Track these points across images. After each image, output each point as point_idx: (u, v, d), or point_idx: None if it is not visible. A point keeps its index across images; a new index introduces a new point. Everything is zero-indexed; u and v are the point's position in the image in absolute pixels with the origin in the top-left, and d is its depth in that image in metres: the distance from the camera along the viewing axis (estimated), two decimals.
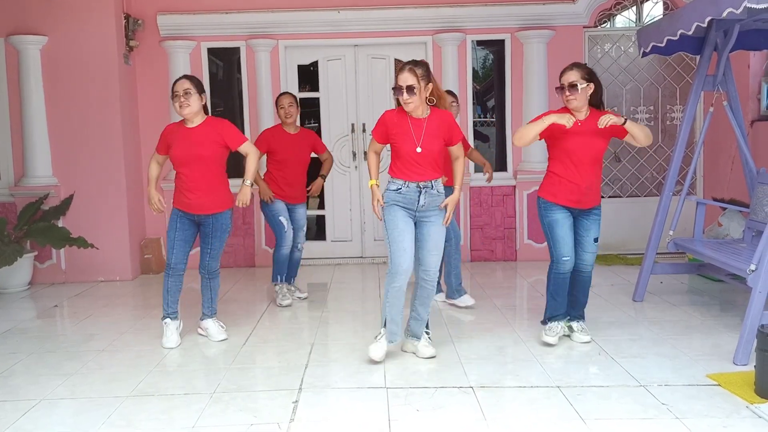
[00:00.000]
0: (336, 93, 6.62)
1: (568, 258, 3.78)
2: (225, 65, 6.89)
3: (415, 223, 3.60)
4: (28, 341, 4.25)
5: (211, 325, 4.17)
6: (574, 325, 3.96)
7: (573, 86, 3.69)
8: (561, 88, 3.76)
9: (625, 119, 3.69)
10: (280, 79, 6.50)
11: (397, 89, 3.51)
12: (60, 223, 5.91)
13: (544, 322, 3.93)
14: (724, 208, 5.60)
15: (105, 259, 5.99)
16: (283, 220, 4.90)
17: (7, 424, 2.95)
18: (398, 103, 3.58)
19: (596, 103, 3.81)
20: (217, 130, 4.01)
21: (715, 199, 6.03)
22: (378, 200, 3.58)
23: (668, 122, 6.71)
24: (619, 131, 3.76)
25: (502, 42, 6.58)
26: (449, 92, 4.78)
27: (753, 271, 3.58)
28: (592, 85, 3.72)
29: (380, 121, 3.64)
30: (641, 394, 3.12)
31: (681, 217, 4.81)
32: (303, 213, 5.06)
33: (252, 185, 4.10)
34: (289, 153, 4.91)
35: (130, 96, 6.29)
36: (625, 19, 6.88)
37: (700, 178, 6.64)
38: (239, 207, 4.09)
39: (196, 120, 4.00)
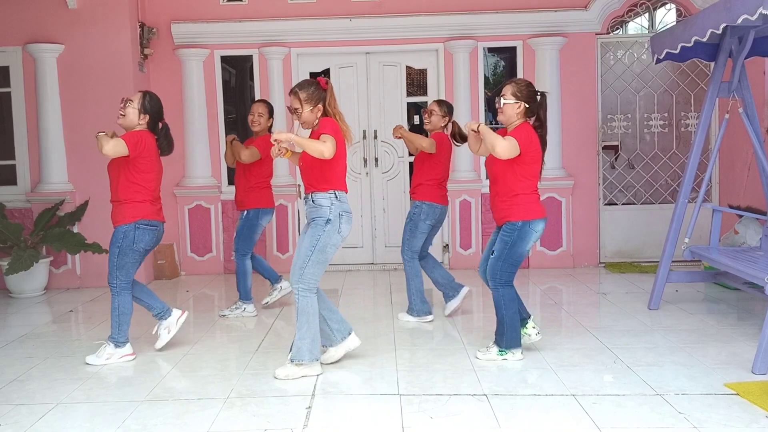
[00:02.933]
0: (348, 100, 6.63)
1: (479, 269, 3.93)
2: (238, 73, 6.94)
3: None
4: (44, 346, 4.29)
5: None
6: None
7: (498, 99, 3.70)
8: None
9: (479, 124, 3.68)
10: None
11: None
12: (75, 229, 5.96)
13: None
14: (741, 216, 5.54)
15: None
16: None
17: (23, 428, 2.97)
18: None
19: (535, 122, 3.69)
20: None
21: (731, 207, 5.97)
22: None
23: (683, 129, 6.67)
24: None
25: (513, 49, 6.59)
26: (439, 102, 4.63)
27: None
28: (521, 104, 3.61)
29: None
30: (658, 402, 3.09)
31: (696, 224, 4.77)
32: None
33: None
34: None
35: None
36: (637, 25, 6.87)
37: (715, 185, 6.59)
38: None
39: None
